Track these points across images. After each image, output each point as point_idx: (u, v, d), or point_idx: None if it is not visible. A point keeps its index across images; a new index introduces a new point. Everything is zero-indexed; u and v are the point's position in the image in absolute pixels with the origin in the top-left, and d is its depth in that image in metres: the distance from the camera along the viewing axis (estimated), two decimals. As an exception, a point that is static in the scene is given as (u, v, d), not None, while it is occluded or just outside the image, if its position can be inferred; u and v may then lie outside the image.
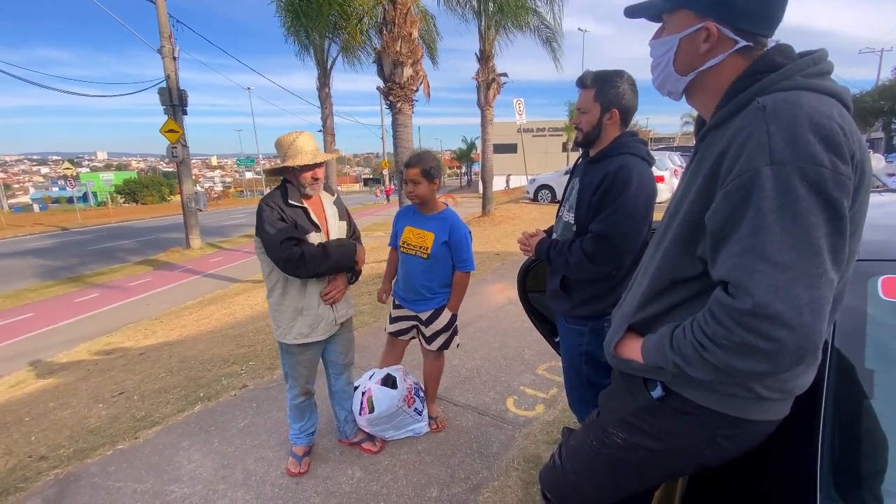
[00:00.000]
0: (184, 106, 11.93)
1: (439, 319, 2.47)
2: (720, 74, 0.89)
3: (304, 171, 2.06)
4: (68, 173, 26.51)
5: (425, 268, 2.40)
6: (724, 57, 0.87)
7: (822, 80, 0.81)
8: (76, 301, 8.18)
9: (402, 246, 2.45)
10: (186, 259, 11.75)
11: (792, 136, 0.72)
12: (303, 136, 2.07)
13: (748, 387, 0.85)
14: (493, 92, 11.99)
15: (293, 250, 1.99)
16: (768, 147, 0.73)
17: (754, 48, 0.87)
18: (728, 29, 0.86)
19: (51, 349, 5.60)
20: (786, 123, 0.73)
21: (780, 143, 0.72)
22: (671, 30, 0.93)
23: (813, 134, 0.72)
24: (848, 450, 0.86)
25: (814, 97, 0.77)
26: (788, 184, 0.71)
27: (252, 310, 6.02)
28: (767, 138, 0.73)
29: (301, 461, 2.36)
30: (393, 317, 2.60)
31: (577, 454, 1.18)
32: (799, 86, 0.79)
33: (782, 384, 0.86)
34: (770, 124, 0.74)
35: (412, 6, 7.07)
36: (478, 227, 10.99)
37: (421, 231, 2.39)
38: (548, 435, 2.57)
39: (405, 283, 2.49)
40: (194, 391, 3.35)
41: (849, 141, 0.73)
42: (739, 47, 0.86)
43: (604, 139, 1.74)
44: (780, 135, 0.73)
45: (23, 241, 17.81)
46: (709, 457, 0.95)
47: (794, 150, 0.71)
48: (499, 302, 5.02)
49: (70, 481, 2.40)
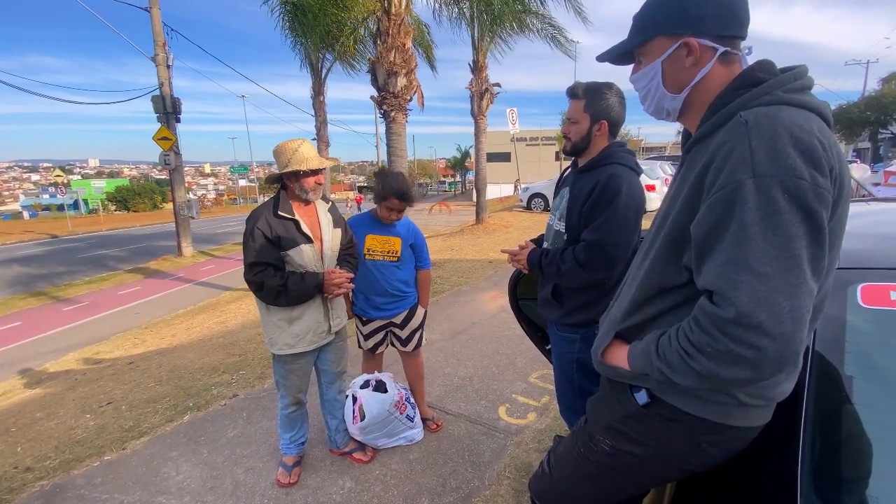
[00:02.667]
0: (177, 114, 11.91)
1: (414, 318, 2.61)
2: (706, 89, 0.91)
3: (309, 176, 2.07)
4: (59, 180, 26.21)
5: (395, 270, 2.49)
6: (712, 65, 0.90)
7: (802, 94, 0.83)
8: (65, 310, 8.08)
9: (367, 254, 2.45)
10: (178, 267, 11.65)
11: (773, 149, 0.74)
12: (306, 144, 2.09)
13: (731, 394, 0.87)
14: (486, 102, 12.10)
15: (256, 277, 2.00)
16: (750, 160, 0.75)
17: (732, 54, 0.90)
18: (706, 39, 0.89)
19: (38, 358, 5.52)
20: (767, 137, 0.75)
21: (762, 156, 0.74)
22: (650, 59, 0.96)
23: (793, 148, 0.74)
24: (828, 454, 0.87)
25: (794, 112, 0.79)
26: (770, 196, 0.73)
27: (243, 318, 5.98)
28: (749, 152, 0.75)
29: (291, 471, 2.34)
30: (366, 333, 2.60)
31: (564, 461, 1.19)
32: (779, 101, 0.81)
33: (764, 391, 0.87)
34: (752, 138, 0.76)
35: (406, 17, 7.15)
36: (471, 235, 11.03)
37: (386, 237, 2.47)
38: (539, 443, 2.57)
39: (375, 289, 2.49)
40: (183, 401, 3.32)
41: (828, 155, 0.76)
42: (720, 53, 0.89)
43: (593, 149, 1.78)
44: (762, 148, 0.75)
45: (11, 248, 17.58)
46: (694, 463, 0.96)
47: (775, 164, 0.73)
48: (491, 310, 5.03)
49: (56, 493, 2.37)
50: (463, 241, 10.33)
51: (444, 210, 18.71)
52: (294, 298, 2.06)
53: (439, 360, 3.73)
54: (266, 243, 2.02)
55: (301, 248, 2.09)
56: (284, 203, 2.10)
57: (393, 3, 6.90)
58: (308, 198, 2.12)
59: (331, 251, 2.21)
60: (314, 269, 2.13)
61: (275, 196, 2.14)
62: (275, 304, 2.07)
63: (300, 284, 2.04)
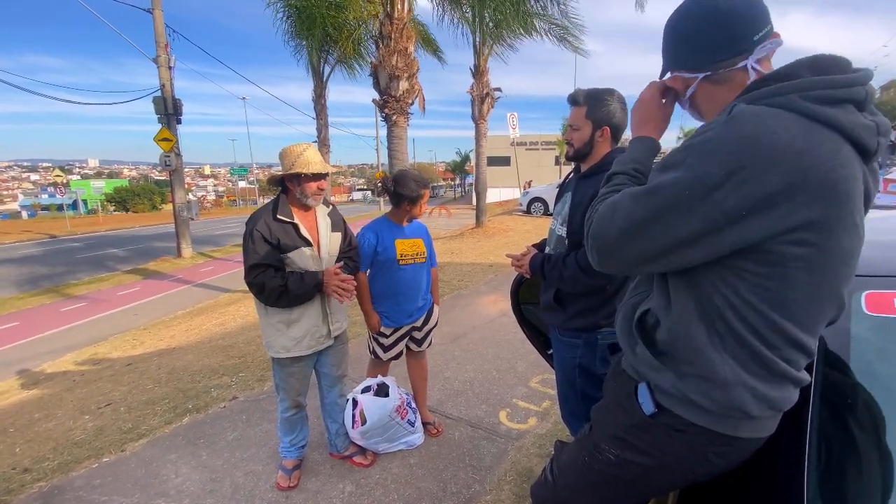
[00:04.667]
0: (178, 115, 11.92)
1: (433, 317, 2.65)
2: (713, 106, 0.93)
3: (311, 180, 2.07)
4: (59, 180, 26.16)
5: (424, 271, 2.53)
6: (694, 89, 0.96)
7: (828, 107, 0.75)
8: (63, 310, 8.05)
9: (400, 259, 2.42)
10: (177, 268, 11.63)
11: (714, 150, 0.77)
12: (311, 149, 2.10)
13: (740, 406, 0.87)
14: (487, 106, 12.13)
15: (257, 279, 2.00)
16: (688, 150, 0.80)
17: (721, 72, 0.90)
18: (683, 72, 0.96)
19: (36, 359, 5.50)
20: (723, 137, 0.76)
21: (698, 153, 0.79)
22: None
23: (735, 155, 0.74)
24: (834, 461, 0.87)
25: (794, 123, 0.74)
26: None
27: (243, 320, 5.96)
28: (700, 141, 0.79)
29: (291, 475, 2.33)
30: (387, 344, 2.54)
31: (568, 469, 1.18)
32: (789, 106, 0.75)
33: (771, 401, 0.87)
34: (715, 130, 0.78)
35: (408, 21, 7.18)
36: (471, 238, 11.04)
37: (412, 240, 2.49)
38: (540, 448, 2.57)
39: (409, 295, 2.47)
40: (183, 403, 3.31)
41: (804, 187, 0.73)
42: (701, 79, 0.93)
43: (595, 155, 1.78)
44: (709, 144, 0.77)
45: (9, 248, 17.54)
46: (699, 472, 0.96)
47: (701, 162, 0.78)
48: (492, 314, 5.02)
49: (54, 494, 2.35)
50: (463, 244, 10.34)
51: (444, 213, 18.71)
52: (294, 298, 2.05)
53: (440, 363, 3.72)
54: (266, 246, 2.02)
55: (300, 251, 2.09)
56: (284, 206, 2.10)
57: (396, 7, 6.93)
58: (308, 202, 2.12)
59: (328, 255, 2.21)
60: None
61: (275, 199, 2.14)
62: (276, 305, 2.07)
63: (300, 284, 2.03)
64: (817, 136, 0.74)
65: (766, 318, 0.81)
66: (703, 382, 0.88)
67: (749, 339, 0.83)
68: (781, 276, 0.79)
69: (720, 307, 0.84)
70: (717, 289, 0.84)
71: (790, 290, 0.79)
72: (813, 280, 0.79)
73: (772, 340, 0.83)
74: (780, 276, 0.79)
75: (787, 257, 0.77)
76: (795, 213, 0.73)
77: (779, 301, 0.80)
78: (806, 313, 0.82)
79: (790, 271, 0.78)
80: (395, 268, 2.41)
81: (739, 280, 0.81)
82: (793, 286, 0.79)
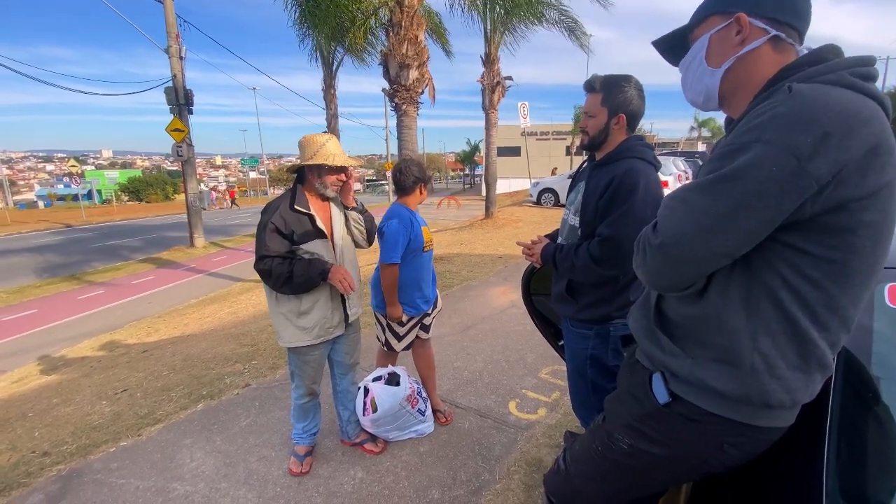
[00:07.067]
0: (190, 105, 11.98)
1: (437, 301, 2.70)
2: (754, 73, 0.89)
3: (333, 173, 2.07)
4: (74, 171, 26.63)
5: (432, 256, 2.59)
6: (760, 43, 0.88)
7: (868, 83, 0.80)
8: (79, 298, 8.21)
9: (426, 246, 2.48)
10: (190, 258, 11.78)
11: (797, 120, 0.74)
12: (333, 140, 2.09)
13: (758, 395, 0.85)
14: (497, 95, 12.00)
15: (265, 265, 2.00)
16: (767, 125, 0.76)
17: (785, 41, 0.87)
18: (759, 20, 0.87)
19: (54, 345, 5.63)
20: (798, 109, 0.74)
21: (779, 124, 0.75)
22: (699, 34, 0.95)
23: (816, 125, 0.73)
24: (854, 456, 0.86)
25: (855, 97, 0.76)
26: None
27: (255, 309, 6.03)
28: (771, 116, 0.76)
29: (303, 461, 2.36)
30: (402, 334, 2.55)
31: (582, 459, 1.18)
32: (843, 82, 0.78)
33: (794, 392, 0.86)
34: (783, 105, 0.76)
35: (419, 9, 7.10)
36: (481, 229, 11.00)
37: (425, 226, 2.54)
38: (550, 439, 2.57)
39: (428, 280, 2.54)
40: (197, 389, 3.36)
41: (875, 155, 0.74)
42: (771, 37, 0.87)
43: (610, 143, 1.75)
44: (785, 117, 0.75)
45: (27, 237, 17.89)
46: (714, 464, 0.95)
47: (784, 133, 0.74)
48: (501, 304, 5.02)
49: (73, 477, 2.41)
50: (472, 235, 10.31)
51: (453, 204, 18.66)
52: (298, 286, 2.03)
53: (449, 354, 3.73)
54: (279, 237, 2.02)
55: (314, 243, 2.09)
56: (301, 197, 2.09)
57: (406, -6, 6.85)
58: (326, 194, 2.13)
59: (342, 243, 2.21)
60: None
61: (291, 189, 2.14)
62: (282, 290, 2.06)
63: (306, 270, 2.01)
64: (871, 106, 0.77)
65: (825, 294, 0.81)
66: (726, 368, 0.87)
67: (801, 319, 0.82)
68: (849, 246, 0.78)
69: (774, 287, 0.83)
70: (774, 268, 0.82)
71: (857, 261, 0.79)
72: (877, 250, 0.79)
73: (824, 319, 0.82)
74: (848, 247, 0.78)
75: (859, 225, 0.77)
76: (871, 177, 0.74)
77: (843, 274, 0.80)
78: (863, 287, 0.82)
79: (858, 240, 0.78)
80: (420, 255, 2.46)
81: (801, 256, 0.80)
82: (860, 256, 0.79)
